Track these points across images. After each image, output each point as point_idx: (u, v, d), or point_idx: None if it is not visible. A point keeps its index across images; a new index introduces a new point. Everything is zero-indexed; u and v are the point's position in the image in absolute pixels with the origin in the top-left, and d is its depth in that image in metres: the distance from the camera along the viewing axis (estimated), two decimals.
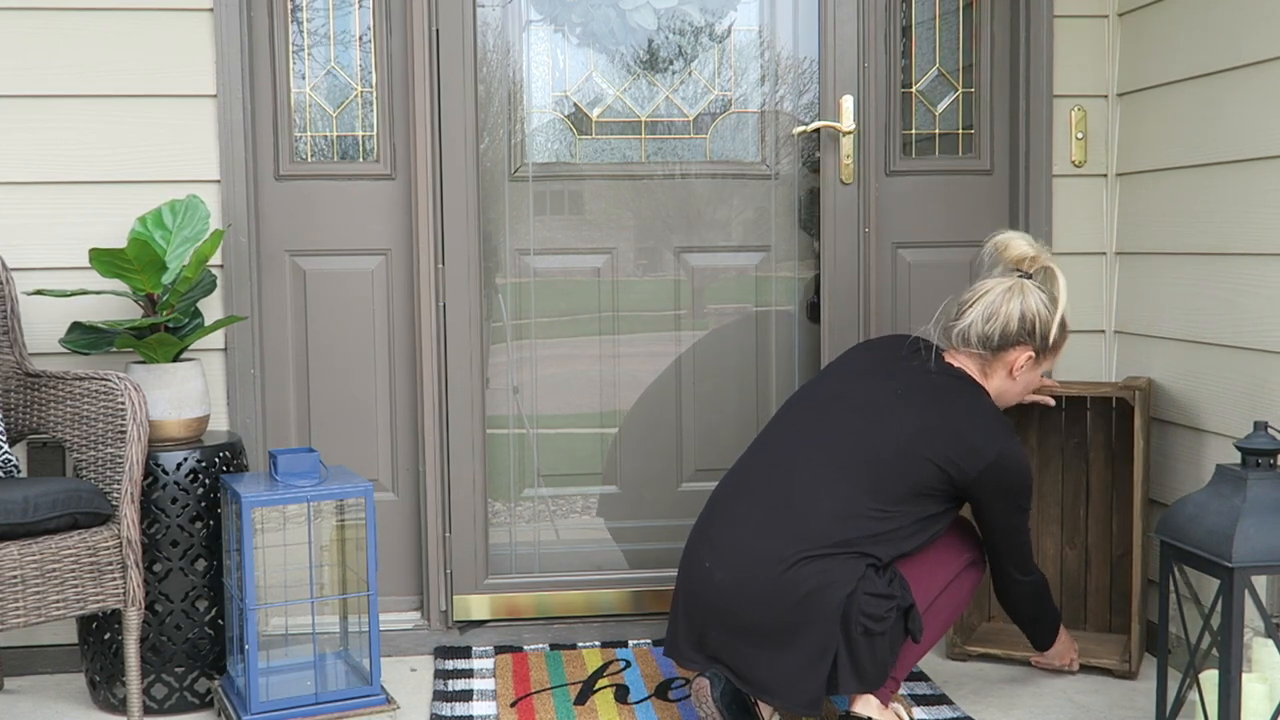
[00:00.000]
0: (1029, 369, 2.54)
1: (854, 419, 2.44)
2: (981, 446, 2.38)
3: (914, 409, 2.42)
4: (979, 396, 2.48)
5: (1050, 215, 3.23)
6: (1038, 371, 2.57)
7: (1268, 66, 2.62)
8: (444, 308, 3.11)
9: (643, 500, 3.29)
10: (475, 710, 2.72)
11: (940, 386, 2.47)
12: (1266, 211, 2.63)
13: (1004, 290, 2.51)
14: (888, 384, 2.48)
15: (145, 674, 2.71)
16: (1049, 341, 2.52)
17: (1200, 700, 2.30)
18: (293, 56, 3.10)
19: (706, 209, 3.26)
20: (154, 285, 2.72)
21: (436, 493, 3.13)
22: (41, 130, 2.92)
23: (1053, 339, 2.53)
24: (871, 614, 2.30)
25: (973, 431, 2.40)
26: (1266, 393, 2.64)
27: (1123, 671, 2.89)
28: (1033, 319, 2.49)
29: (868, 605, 2.29)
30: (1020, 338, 2.50)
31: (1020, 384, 2.56)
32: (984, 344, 2.50)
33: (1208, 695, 2.28)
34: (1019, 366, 2.52)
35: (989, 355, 2.52)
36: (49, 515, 2.44)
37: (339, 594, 2.83)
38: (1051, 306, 2.51)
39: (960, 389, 2.48)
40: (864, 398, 2.47)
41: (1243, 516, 2.20)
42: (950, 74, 3.31)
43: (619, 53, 3.21)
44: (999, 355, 2.52)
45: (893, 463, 2.37)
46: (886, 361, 2.55)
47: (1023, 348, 2.51)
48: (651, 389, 3.27)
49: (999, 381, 2.54)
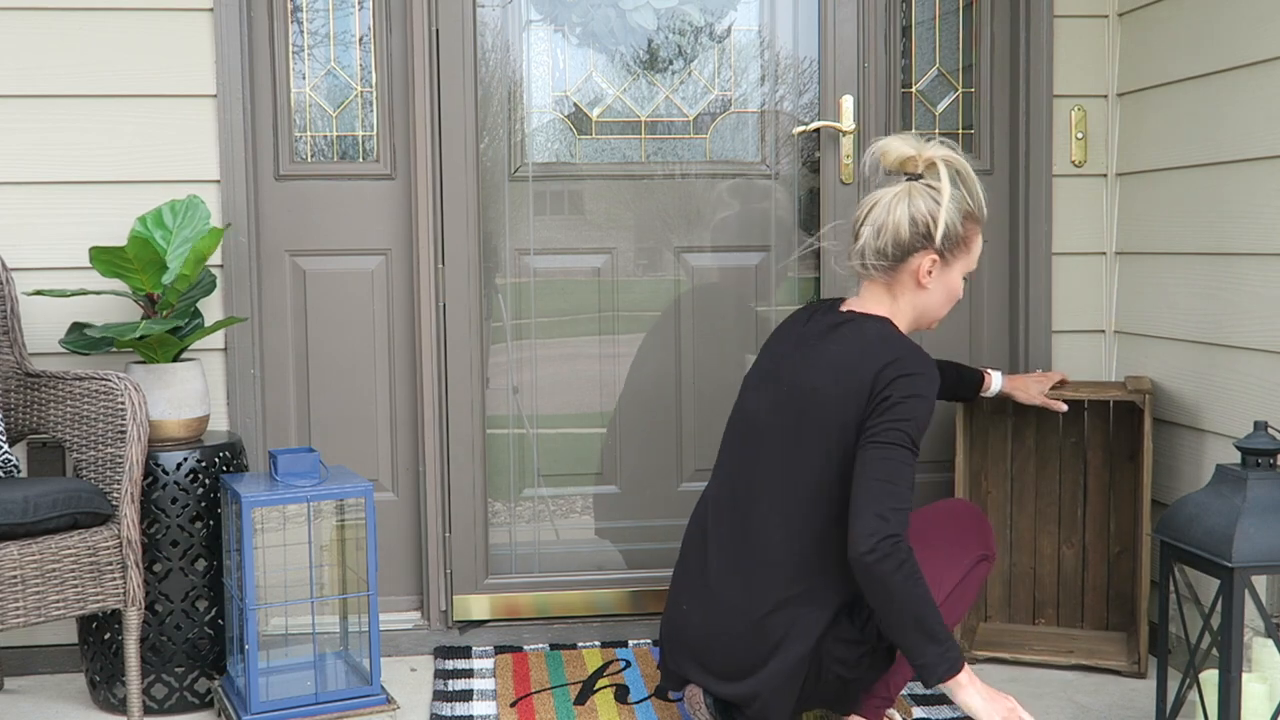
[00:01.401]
0: (940, 274, 2.32)
1: (775, 437, 2.30)
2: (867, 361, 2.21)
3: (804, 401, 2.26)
4: (857, 334, 2.28)
5: (1050, 215, 3.23)
6: (954, 274, 2.34)
7: (1268, 66, 2.62)
8: (444, 308, 3.11)
9: (642, 500, 3.29)
10: (475, 710, 2.72)
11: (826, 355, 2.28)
12: (1267, 211, 2.63)
13: (889, 199, 2.30)
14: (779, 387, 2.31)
15: (145, 674, 2.71)
16: (951, 239, 2.30)
17: (1200, 700, 2.30)
18: (293, 56, 3.10)
19: (706, 209, 3.26)
20: (154, 285, 2.72)
21: (436, 493, 3.13)
22: (41, 130, 2.92)
23: (953, 235, 2.30)
24: (843, 659, 2.25)
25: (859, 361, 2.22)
26: (1267, 393, 2.64)
27: (1132, 672, 2.89)
28: (925, 220, 2.27)
29: (838, 651, 2.24)
30: (915, 243, 2.28)
31: (938, 292, 2.34)
32: (881, 259, 2.30)
33: (1208, 695, 2.28)
34: (925, 273, 2.30)
35: (891, 270, 2.31)
36: (49, 515, 2.44)
37: (339, 594, 2.83)
38: (944, 200, 2.28)
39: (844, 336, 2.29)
40: (769, 415, 2.32)
41: (1243, 516, 2.20)
42: (950, 74, 3.31)
43: (619, 53, 3.21)
44: (900, 268, 2.30)
45: (824, 466, 2.24)
46: (779, 355, 2.39)
47: (922, 253, 2.29)
48: (652, 389, 3.27)
49: (910, 297, 2.33)
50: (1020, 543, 3.19)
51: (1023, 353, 3.26)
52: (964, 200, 2.34)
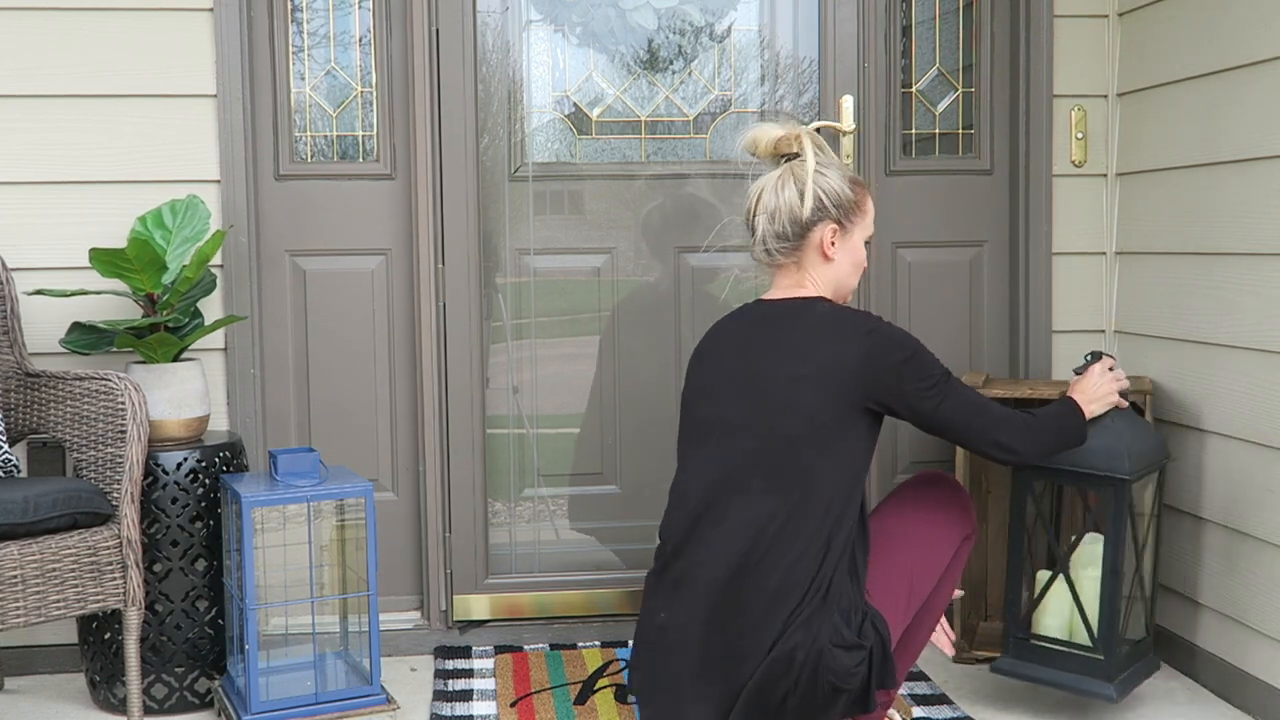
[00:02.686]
0: (842, 242, 2.31)
1: (736, 439, 2.25)
2: (844, 352, 2.21)
3: (776, 384, 2.23)
4: (811, 311, 2.29)
5: (1050, 215, 3.23)
6: (855, 240, 2.34)
7: (1268, 66, 2.62)
8: (444, 308, 3.11)
9: (643, 500, 3.29)
10: (475, 710, 2.72)
11: (781, 341, 2.28)
12: (1267, 211, 2.63)
13: (774, 184, 2.30)
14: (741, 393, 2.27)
15: (145, 674, 2.71)
16: (843, 205, 2.30)
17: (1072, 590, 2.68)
18: (293, 56, 3.10)
19: (706, 209, 3.26)
20: (154, 285, 2.72)
21: (436, 493, 3.13)
22: (41, 130, 2.92)
23: (845, 200, 2.30)
24: (839, 669, 2.13)
25: (821, 348, 2.22)
26: (1267, 392, 2.64)
27: None
28: (815, 193, 2.27)
29: (833, 660, 2.14)
30: (813, 216, 2.28)
31: (844, 262, 2.33)
32: (783, 242, 2.29)
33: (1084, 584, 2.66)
34: (830, 244, 2.29)
35: (795, 252, 2.30)
36: (49, 515, 2.44)
37: (339, 594, 2.83)
38: (827, 170, 2.29)
39: (798, 322, 2.28)
40: (730, 411, 2.27)
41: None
42: (950, 74, 3.31)
43: (619, 53, 3.21)
44: (803, 245, 2.30)
45: (792, 457, 2.20)
46: (724, 368, 2.34)
47: (821, 225, 2.29)
48: (652, 388, 3.27)
49: (821, 272, 2.32)
50: None
51: (1023, 353, 3.26)
52: (842, 166, 2.36)
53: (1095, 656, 2.62)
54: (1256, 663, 2.69)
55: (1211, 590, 2.84)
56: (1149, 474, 2.70)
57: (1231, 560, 2.77)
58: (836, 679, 2.14)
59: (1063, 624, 2.70)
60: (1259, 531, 2.67)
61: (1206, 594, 2.86)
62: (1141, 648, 2.75)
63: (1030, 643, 2.71)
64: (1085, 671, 2.63)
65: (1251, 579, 2.70)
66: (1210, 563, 2.85)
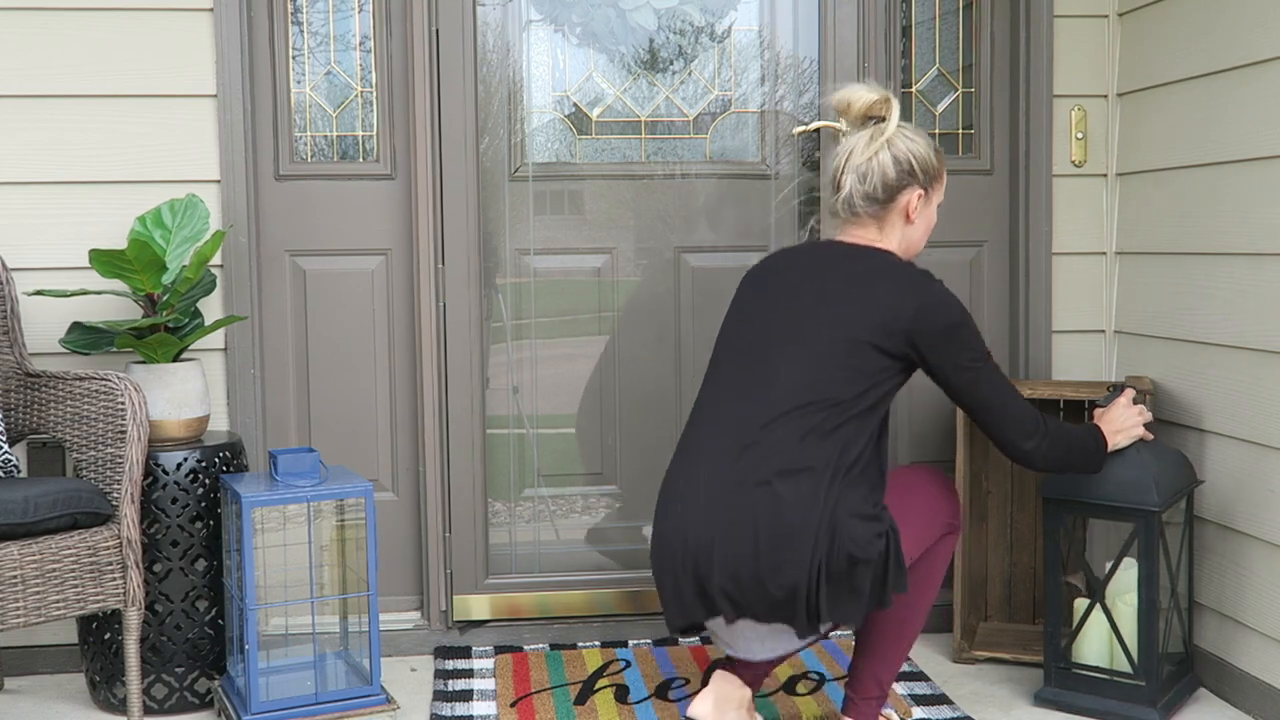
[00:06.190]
0: (923, 208, 2.45)
1: (786, 349, 2.34)
2: (901, 301, 2.31)
3: (830, 304, 2.34)
4: (879, 258, 2.40)
5: (1050, 215, 3.23)
6: (932, 206, 2.48)
7: (1268, 66, 2.62)
8: (444, 308, 3.12)
9: (642, 500, 3.29)
10: (475, 710, 2.72)
11: (846, 273, 2.38)
12: (1267, 212, 2.63)
13: (865, 144, 2.41)
14: (796, 303, 2.39)
15: (145, 674, 2.71)
16: (930, 173, 2.44)
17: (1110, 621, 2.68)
18: (293, 56, 3.10)
19: (706, 209, 3.26)
20: (154, 285, 2.72)
21: (436, 493, 3.13)
22: (41, 130, 2.92)
23: (931, 169, 2.44)
24: (857, 537, 2.18)
25: (889, 293, 2.32)
26: (1267, 392, 2.64)
27: None
28: (907, 158, 2.40)
29: (852, 529, 2.18)
30: (902, 180, 2.40)
31: (920, 226, 2.47)
32: (870, 203, 2.41)
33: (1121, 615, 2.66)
34: (914, 209, 2.43)
35: (880, 211, 2.42)
36: (49, 515, 2.44)
37: (339, 594, 2.83)
38: (916, 137, 2.43)
39: (863, 261, 2.40)
40: (783, 323, 2.37)
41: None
42: (950, 74, 3.31)
43: (619, 53, 3.21)
44: (889, 207, 2.42)
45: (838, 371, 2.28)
46: (787, 278, 2.46)
47: (910, 189, 2.41)
48: (652, 388, 3.27)
49: (899, 232, 2.45)
50: (1020, 543, 3.19)
51: (1023, 352, 3.26)
52: (926, 134, 2.47)
53: (1137, 683, 2.63)
54: (1256, 662, 2.69)
55: (1211, 590, 2.84)
56: (1178, 501, 2.70)
57: (1231, 560, 2.77)
58: (855, 548, 2.17)
59: (1102, 651, 2.70)
60: (1259, 532, 2.67)
61: (1206, 594, 2.86)
62: (1182, 668, 2.76)
63: (1072, 672, 2.70)
64: (1128, 698, 2.64)
65: (1251, 579, 2.70)
66: (1209, 563, 2.85)
